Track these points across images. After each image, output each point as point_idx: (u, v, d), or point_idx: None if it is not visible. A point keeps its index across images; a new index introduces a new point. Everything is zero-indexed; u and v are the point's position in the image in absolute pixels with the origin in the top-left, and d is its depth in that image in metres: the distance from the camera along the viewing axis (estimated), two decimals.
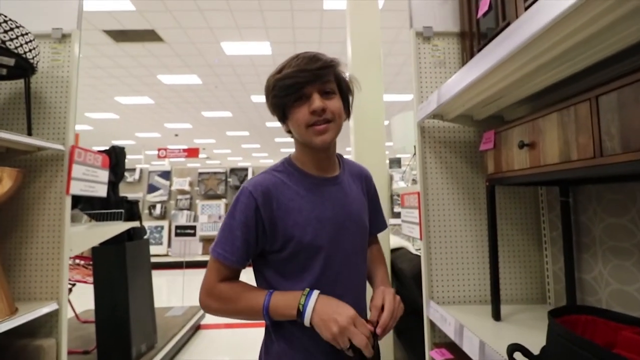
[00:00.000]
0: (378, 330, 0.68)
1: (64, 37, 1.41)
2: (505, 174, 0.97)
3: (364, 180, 0.91)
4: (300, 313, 0.66)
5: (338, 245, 0.75)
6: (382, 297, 0.73)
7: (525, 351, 0.70)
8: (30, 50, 1.21)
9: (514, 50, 0.70)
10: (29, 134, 1.30)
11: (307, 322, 0.67)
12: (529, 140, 0.86)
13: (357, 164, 0.94)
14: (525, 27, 0.66)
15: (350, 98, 0.81)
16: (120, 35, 5.30)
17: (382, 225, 0.97)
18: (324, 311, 0.66)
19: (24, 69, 1.25)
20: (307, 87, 0.71)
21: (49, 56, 1.40)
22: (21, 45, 1.17)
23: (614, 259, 0.96)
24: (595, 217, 1.03)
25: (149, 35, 5.32)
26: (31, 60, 1.23)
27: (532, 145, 0.85)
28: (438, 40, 1.33)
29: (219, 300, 0.72)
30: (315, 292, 0.69)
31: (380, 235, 1.93)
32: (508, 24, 0.90)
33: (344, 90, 0.78)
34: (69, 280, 2.55)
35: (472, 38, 1.24)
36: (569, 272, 1.05)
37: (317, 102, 0.71)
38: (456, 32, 1.33)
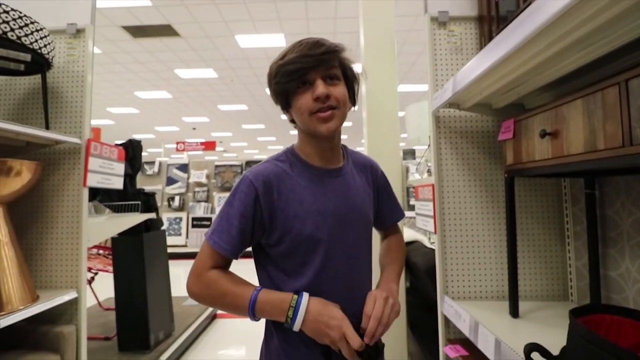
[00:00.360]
0: (365, 340, 0.66)
1: (79, 32, 1.43)
2: (525, 165, 0.92)
3: (370, 171, 0.87)
4: (289, 324, 0.65)
5: (340, 239, 0.73)
6: (373, 303, 0.69)
7: (543, 351, 0.66)
8: (45, 46, 1.23)
9: (535, 32, 0.65)
10: (47, 128, 1.33)
11: (296, 329, 0.66)
12: (551, 129, 0.81)
13: (363, 154, 0.91)
14: (548, 5, 0.61)
15: (356, 86, 0.78)
16: (137, 31, 5.39)
17: (399, 214, 0.93)
18: (314, 325, 0.65)
19: (40, 64, 1.27)
20: (310, 73, 0.69)
21: (64, 51, 1.43)
22: (36, 40, 1.19)
23: None
24: (623, 211, 0.97)
25: (166, 30, 5.38)
26: (46, 56, 1.25)
27: (554, 134, 0.80)
28: (454, 26, 1.27)
29: (206, 287, 0.70)
30: (304, 301, 0.66)
31: None
32: (529, 5, 0.84)
33: (349, 78, 0.75)
34: (92, 269, 2.65)
35: (491, 22, 1.18)
36: (594, 268, 0.99)
37: (320, 87, 0.68)
38: (474, 16, 1.27)
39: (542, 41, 0.71)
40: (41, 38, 1.22)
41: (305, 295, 0.67)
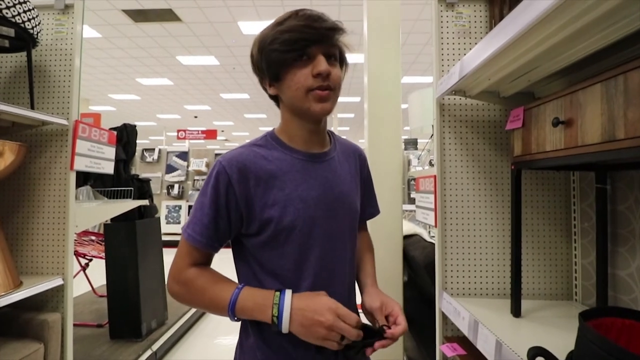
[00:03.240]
0: (384, 343, 0.63)
1: (67, 8, 1.36)
2: (534, 157, 0.86)
3: (358, 159, 0.82)
4: (276, 324, 0.60)
5: (323, 228, 0.67)
6: (391, 307, 0.68)
7: (549, 356, 0.61)
8: (29, 20, 1.17)
9: (550, 10, 0.59)
10: (32, 107, 1.27)
11: (285, 331, 0.60)
12: (565, 117, 0.74)
13: (350, 142, 0.85)
14: None
15: (344, 73, 0.73)
16: (139, 15, 5.28)
17: (375, 211, 0.89)
18: (302, 317, 0.59)
19: (24, 40, 1.21)
20: (312, 47, 0.63)
21: (52, 28, 1.36)
22: (19, 14, 1.13)
23: None
24: (637, 207, 0.91)
25: (167, 15, 5.27)
26: (31, 31, 1.19)
27: (568, 122, 0.73)
28: (463, 7, 1.19)
29: (185, 287, 0.65)
30: (287, 298, 0.61)
31: (392, 221, 1.83)
32: None
33: (342, 62, 0.71)
34: (86, 255, 2.62)
35: (502, 3, 1.10)
36: (601, 267, 0.94)
37: (323, 64, 0.62)
38: None
39: (556, 21, 0.64)
40: (25, 12, 1.15)
41: (288, 291, 0.62)
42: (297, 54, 0.63)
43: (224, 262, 0.76)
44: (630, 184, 0.93)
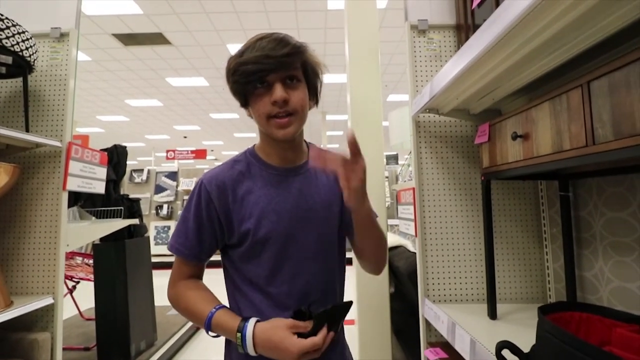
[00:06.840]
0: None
1: (62, 37, 1.43)
2: (499, 167, 0.94)
3: None
4: (245, 352, 0.65)
5: (298, 238, 0.71)
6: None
7: (514, 348, 0.67)
8: (27, 49, 1.23)
9: (502, 34, 0.68)
10: (27, 130, 1.31)
11: (253, 355, 0.65)
12: (522, 132, 0.83)
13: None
14: (511, 10, 0.63)
15: (319, 84, 0.76)
16: (129, 39, 5.39)
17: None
18: (269, 348, 0.63)
19: (21, 67, 1.27)
20: (270, 75, 0.66)
21: (48, 55, 1.42)
22: (17, 43, 1.19)
23: (615, 255, 0.93)
24: (596, 212, 0.99)
25: (157, 39, 5.39)
26: (28, 58, 1.25)
27: (525, 136, 0.82)
28: (434, 34, 1.30)
29: (174, 298, 0.73)
30: (249, 331, 0.64)
31: None
32: None
33: (310, 77, 0.73)
34: (74, 277, 2.59)
35: (468, 30, 1.21)
36: (569, 270, 1.01)
37: (278, 92, 0.65)
38: (452, 24, 1.30)
39: (509, 44, 0.74)
40: (23, 41, 1.22)
41: (249, 327, 0.64)
42: (255, 85, 0.67)
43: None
44: (589, 191, 1.01)
